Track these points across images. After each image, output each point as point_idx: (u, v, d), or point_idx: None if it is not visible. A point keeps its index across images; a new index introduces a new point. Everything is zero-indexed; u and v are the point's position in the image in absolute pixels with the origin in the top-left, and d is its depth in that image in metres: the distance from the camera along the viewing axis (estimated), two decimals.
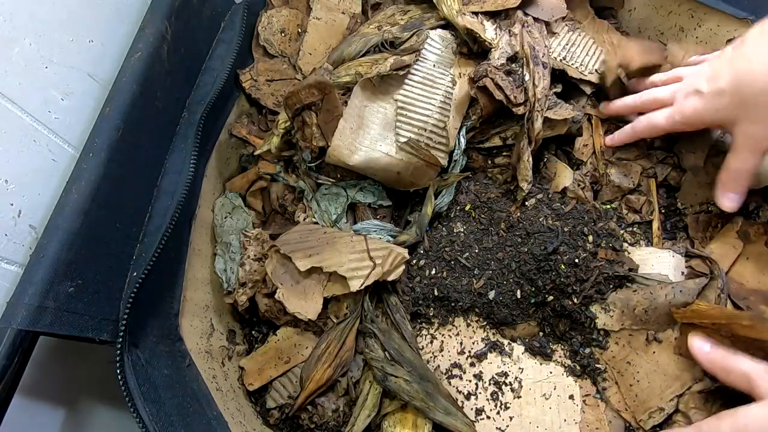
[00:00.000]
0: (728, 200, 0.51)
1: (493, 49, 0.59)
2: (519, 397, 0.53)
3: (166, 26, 0.57)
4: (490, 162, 0.62)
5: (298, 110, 0.56)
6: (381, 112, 0.58)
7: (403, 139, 0.57)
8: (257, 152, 0.64)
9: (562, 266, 0.53)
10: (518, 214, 0.57)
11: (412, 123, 0.58)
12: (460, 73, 0.59)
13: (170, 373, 0.50)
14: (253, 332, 0.63)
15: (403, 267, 0.56)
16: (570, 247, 0.54)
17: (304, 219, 0.62)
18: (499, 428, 0.52)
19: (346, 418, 0.55)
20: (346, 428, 0.54)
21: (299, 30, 0.71)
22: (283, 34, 0.70)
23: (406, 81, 0.59)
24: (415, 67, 0.59)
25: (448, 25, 0.63)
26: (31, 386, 0.47)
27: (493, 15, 0.62)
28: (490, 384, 0.54)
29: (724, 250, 0.53)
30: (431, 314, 0.58)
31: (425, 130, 0.58)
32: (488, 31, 0.60)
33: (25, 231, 0.45)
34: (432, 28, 0.63)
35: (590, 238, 0.55)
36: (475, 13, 0.61)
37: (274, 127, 0.62)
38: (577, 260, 0.53)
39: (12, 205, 0.44)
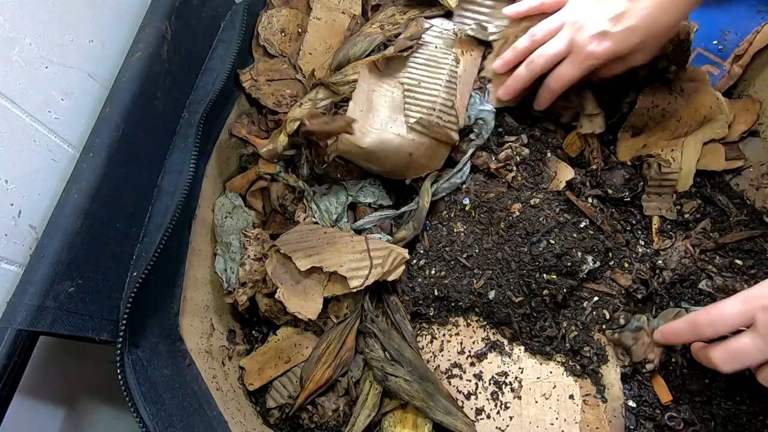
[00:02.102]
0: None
1: None
2: (519, 396, 0.53)
3: (166, 26, 0.56)
4: (494, 159, 0.62)
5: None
6: (388, 95, 0.59)
7: (413, 120, 0.57)
8: (261, 150, 0.64)
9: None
10: (517, 213, 0.57)
11: (420, 104, 0.59)
12: (462, 51, 0.60)
13: (170, 372, 0.50)
14: (253, 332, 0.63)
15: (403, 267, 0.56)
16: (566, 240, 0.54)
17: (304, 219, 0.62)
18: (499, 428, 0.52)
19: (346, 418, 0.55)
20: (346, 428, 0.54)
21: (299, 30, 0.71)
22: (283, 34, 0.70)
23: (410, 64, 0.60)
24: (418, 50, 0.60)
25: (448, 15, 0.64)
26: (31, 386, 0.47)
27: None
28: (490, 384, 0.54)
29: None
30: (431, 314, 0.58)
31: (434, 109, 0.58)
32: None
33: (25, 231, 0.45)
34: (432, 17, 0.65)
35: None
36: None
37: (283, 125, 0.62)
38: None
39: (12, 205, 0.44)
